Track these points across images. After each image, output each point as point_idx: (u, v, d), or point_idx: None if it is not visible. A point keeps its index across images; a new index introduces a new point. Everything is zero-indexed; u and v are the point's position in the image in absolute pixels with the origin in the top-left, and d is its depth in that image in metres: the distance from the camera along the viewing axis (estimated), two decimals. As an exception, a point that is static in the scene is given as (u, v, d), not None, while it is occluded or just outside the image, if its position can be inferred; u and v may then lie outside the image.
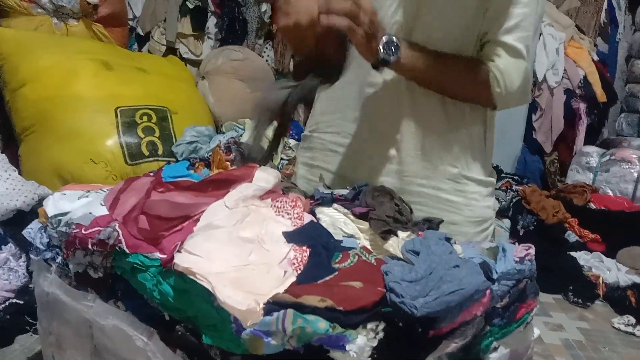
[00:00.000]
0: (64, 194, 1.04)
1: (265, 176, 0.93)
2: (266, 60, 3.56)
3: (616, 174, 3.82)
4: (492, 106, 1.07)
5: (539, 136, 4.09)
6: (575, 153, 4.19)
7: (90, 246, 0.85)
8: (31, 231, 1.03)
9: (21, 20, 2.66)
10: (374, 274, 0.72)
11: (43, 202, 1.02)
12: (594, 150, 4.09)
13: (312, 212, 0.92)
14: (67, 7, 2.75)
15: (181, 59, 3.36)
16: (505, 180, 3.55)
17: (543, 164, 4.15)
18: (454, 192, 1.09)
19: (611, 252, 3.09)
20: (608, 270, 2.89)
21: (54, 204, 0.99)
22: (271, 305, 0.64)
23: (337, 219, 0.90)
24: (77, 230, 0.88)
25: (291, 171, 2.31)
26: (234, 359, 0.69)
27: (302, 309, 0.63)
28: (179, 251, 0.76)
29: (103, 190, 1.05)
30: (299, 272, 0.74)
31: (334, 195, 1.00)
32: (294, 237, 0.81)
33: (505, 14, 0.98)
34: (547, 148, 4.13)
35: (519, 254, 0.85)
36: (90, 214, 0.92)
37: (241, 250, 0.77)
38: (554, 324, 2.50)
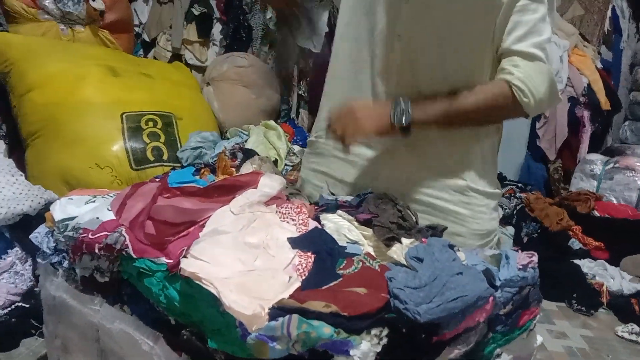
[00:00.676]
0: (71, 198, 1.05)
1: (270, 182, 0.94)
2: (271, 67, 3.57)
3: (620, 181, 3.81)
4: (525, 116, 1.04)
5: (542, 144, 4.08)
6: (579, 161, 4.18)
7: (97, 251, 0.86)
8: (38, 235, 1.04)
9: (28, 26, 2.68)
10: (377, 280, 0.73)
11: (50, 207, 1.03)
12: (597, 158, 4.08)
13: (317, 219, 0.93)
14: (74, 13, 2.77)
15: (186, 65, 3.37)
16: (509, 187, 3.54)
17: (547, 171, 4.14)
18: (460, 204, 1.09)
19: (615, 260, 3.07)
20: (612, 278, 2.87)
21: (61, 209, 1.00)
22: (276, 311, 0.65)
23: (341, 225, 0.90)
24: (84, 235, 0.89)
25: (295, 177, 2.31)
26: (238, 363, 0.70)
27: (307, 314, 0.63)
28: (185, 256, 0.76)
29: (110, 196, 1.06)
30: (303, 277, 0.75)
31: (339, 201, 1.01)
32: (299, 243, 0.82)
33: (514, 24, 0.98)
34: (551, 155, 4.12)
35: (522, 262, 0.85)
36: (97, 218, 0.93)
37: (247, 255, 0.78)
38: (557, 332, 2.49)
